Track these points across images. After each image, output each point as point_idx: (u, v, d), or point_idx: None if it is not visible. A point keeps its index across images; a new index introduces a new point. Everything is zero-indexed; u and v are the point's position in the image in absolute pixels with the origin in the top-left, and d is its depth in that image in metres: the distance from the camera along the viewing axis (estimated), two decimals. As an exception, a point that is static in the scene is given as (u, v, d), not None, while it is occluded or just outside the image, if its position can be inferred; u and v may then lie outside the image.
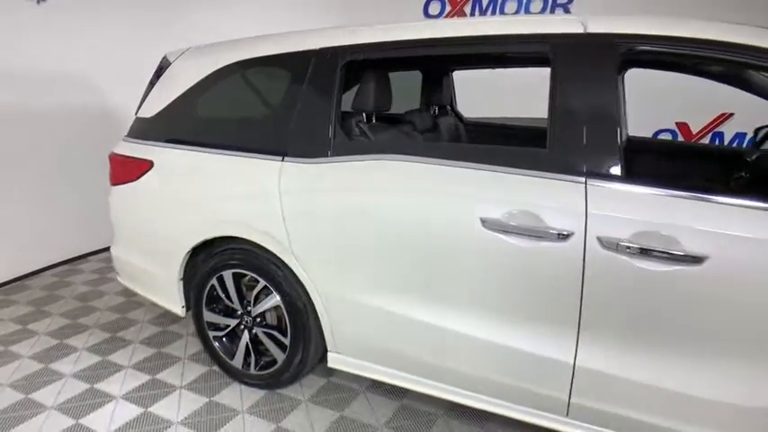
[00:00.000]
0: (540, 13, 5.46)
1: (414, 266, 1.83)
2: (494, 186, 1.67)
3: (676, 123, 5.10)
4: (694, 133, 5.07)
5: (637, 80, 4.58)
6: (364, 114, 2.16)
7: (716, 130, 4.99)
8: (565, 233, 1.55)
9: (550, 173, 1.60)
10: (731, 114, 4.82)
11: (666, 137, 5.17)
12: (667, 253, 1.44)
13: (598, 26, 1.61)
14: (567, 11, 5.34)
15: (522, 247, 1.62)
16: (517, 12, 5.53)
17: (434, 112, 3.03)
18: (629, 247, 1.48)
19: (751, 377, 1.44)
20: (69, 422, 2.13)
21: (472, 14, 5.64)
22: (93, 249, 4.15)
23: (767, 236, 1.38)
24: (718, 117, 4.89)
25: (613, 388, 1.60)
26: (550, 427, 1.76)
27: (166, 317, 3.05)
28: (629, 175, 1.53)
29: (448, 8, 5.73)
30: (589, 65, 1.60)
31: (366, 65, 2.07)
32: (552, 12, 5.40)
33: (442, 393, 1.94)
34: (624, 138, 1.62)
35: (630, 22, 1.60)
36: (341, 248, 1.95)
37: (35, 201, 3.67)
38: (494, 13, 5.59)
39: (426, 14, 5.78)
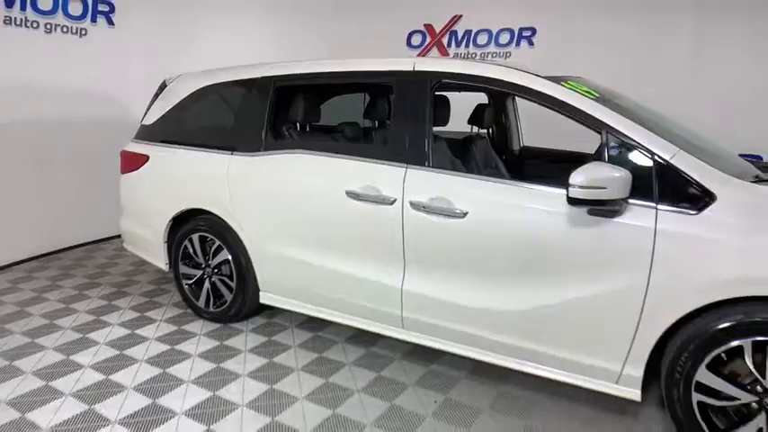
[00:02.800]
0: (508, 44, 6.30)
1: (305, 226, 2.68)
2: (354, 170, 2.51)
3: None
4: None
5: None
6: (297, 123, 3.03)
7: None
8: (392, 199, 2.37)
9: (387, 161, 2.43)
10: None
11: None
12: (447, 210, 2.24)
13: (421, 66, 2.46)
14: (531, 43, 6.17)
15: (367, 209, 2.44)
16: (487, 43, 6.39)
17: (375, 124, 3.87)
18: (425, 207, 2.29)
19: (498, 292, 2.21)
20: (78, 336, 3.03)
21: (449, 45, 6.53)
22: (116, 234, 5.10)
23: (505, 200, 2.16)
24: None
25: (426, 303, 2.39)
26: (394, 336, 2.55)
27: (162, 280, 3.95)
28: (434, 163, 2.35)
29: (428, 39, 6.64)
30: (414, 91, 2.43)
31: (296, 88, 2.95)
32: (518, 43, 6.23)
33: (333, 318, 2.76)
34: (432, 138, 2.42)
35: (439, 62, 2.44)
36: (262, 215, 2.82)
37: (68, 191, 4.67)
38: (468, 43, 6.46)
39: (409, 45, 6.69)
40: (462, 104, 3.45)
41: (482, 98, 3.56)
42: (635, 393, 2.04)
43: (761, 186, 1.94)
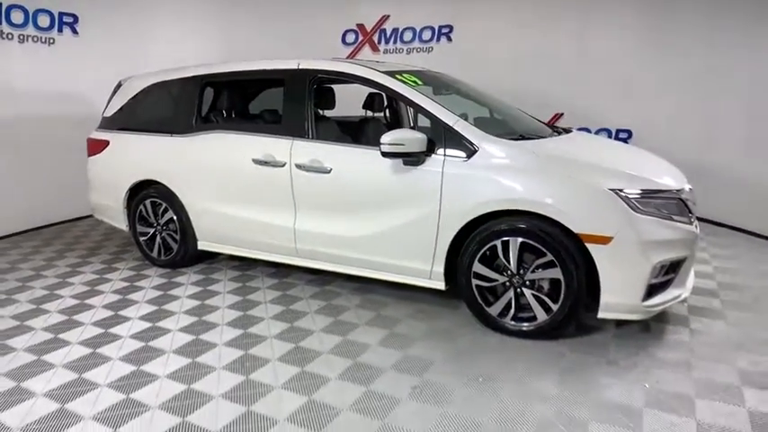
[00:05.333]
0: (430, 40, 7.23)
1: (225, 187, 3.62)
2: (257, 143, 3.46)
3: (527, 122, 6.75)
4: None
5: (504, 90, 6.38)
6: (221, 110, 3.95)
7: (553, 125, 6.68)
8: (283, 163, 3.32)
9: (280, 135, 3.39)
10: (562, 114, 6.54)
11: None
12: (319, 168, 3.20)
13: (304, 65, 3.40)
14: (449, 39, 7.12)
15: (267, 170, 3.39)
16: (412, 40, 7.32)
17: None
18: (304, 167, 3.24)
19: (353, 223, 3.18)
20: (58, 280, 3.93)
21: (379, 42, 7.46)
22: (87, 213, 5.94)
23: (355, 158, 3.13)
24: (554, 116, 6.58)
25: (311, 236, 3.35)
26: (291, 263, 3.53)
27: (126, 245, 4.83)
28: (312, 136, 3.30)
29: (361, 37, 7.55)
30: (298, 85, 3.38)
31: (218, 84, 3.87)
32: (439, 39, 7.17)
33: (250, 254, 3.72)
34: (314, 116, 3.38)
35: (315, 62, 3.38)
36: (195, 180, 3.75)
37: (43, 177, 5.49)
38: (395, 40, 7.39)
39: (344, 43, 7.60)
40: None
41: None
42: (441, 284, 3.04)
43: (513, 142, 2.93)
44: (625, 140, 6.03)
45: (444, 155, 2.90)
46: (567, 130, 3.73)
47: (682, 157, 5.57)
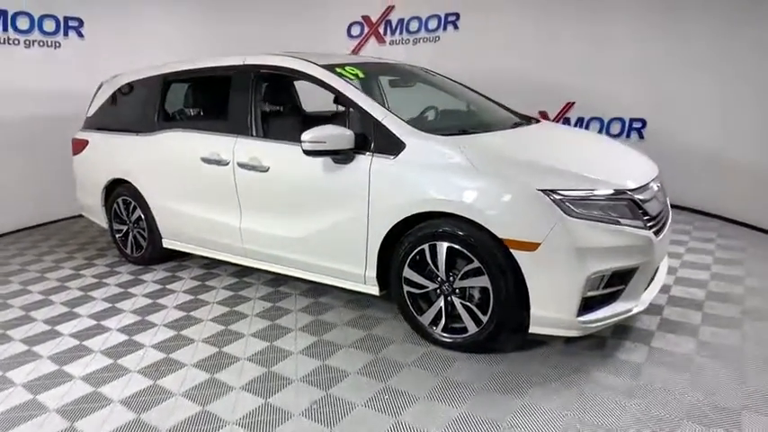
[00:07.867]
0: (436, 29, 6.96)
1: (180, 185, 3.60)
2: (206, 141, 3.40)
3: (539, 112, 6.36)
4: (551, 119, 6.30)
5: (513, 79, 6.08)
6: (183, 109, 3.93)
7: (565, 116, 6.27)
8: (227, 161, 3.24)
9: (225, 133, 3.31)
10: (573, 103, 6.12)
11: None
12: (257, 167, 3.09)
13: (249, 60, 3.30)
14: (456, 27, 6.83)
15: (214, 168, 3.32)
16: (419, 29, 7.07)
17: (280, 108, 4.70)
18: (245, 165, 3.15)
19: (290, 223, 3.05)
20: (38, 275, 4.07)
21: (385, 33, 7.27)
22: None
23: (289, 156, 2.98)
24: (565, 106, 6.20)
25: (255, 236, 3.26)
26: (239, 263, 3.46)
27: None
28: (255, 133, 3.20)
29: (366, 29, 7.38)
30: (242, 81, 3.28)
31: (178, 82, 3.85)
32: (445, 28, 6.90)
33: (204, 253, 3.69)
34: (259, 113, 3.27)
35: (259, 57, 3.27)
36: (156, 179, 3.75)
37: (56, 173, 5.73)
38: (401, 30, 7.16)
39: (349, 35, 7.45)
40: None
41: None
42: (375, 289, 2.85)
43: (443, 137, 2.65)
44: (639, 130, 5.53)
45: (372, 152, 2.71)
46: (538, 121, 3.41)
47: (698, 149, 5.04)
